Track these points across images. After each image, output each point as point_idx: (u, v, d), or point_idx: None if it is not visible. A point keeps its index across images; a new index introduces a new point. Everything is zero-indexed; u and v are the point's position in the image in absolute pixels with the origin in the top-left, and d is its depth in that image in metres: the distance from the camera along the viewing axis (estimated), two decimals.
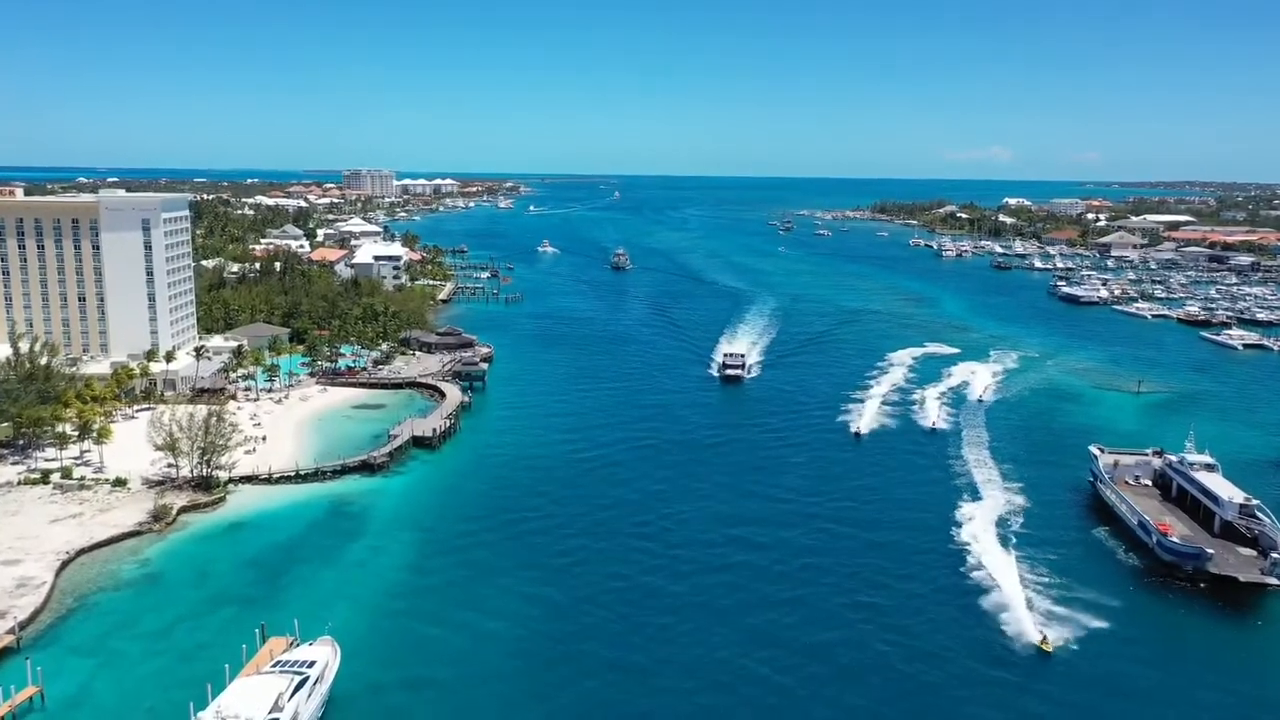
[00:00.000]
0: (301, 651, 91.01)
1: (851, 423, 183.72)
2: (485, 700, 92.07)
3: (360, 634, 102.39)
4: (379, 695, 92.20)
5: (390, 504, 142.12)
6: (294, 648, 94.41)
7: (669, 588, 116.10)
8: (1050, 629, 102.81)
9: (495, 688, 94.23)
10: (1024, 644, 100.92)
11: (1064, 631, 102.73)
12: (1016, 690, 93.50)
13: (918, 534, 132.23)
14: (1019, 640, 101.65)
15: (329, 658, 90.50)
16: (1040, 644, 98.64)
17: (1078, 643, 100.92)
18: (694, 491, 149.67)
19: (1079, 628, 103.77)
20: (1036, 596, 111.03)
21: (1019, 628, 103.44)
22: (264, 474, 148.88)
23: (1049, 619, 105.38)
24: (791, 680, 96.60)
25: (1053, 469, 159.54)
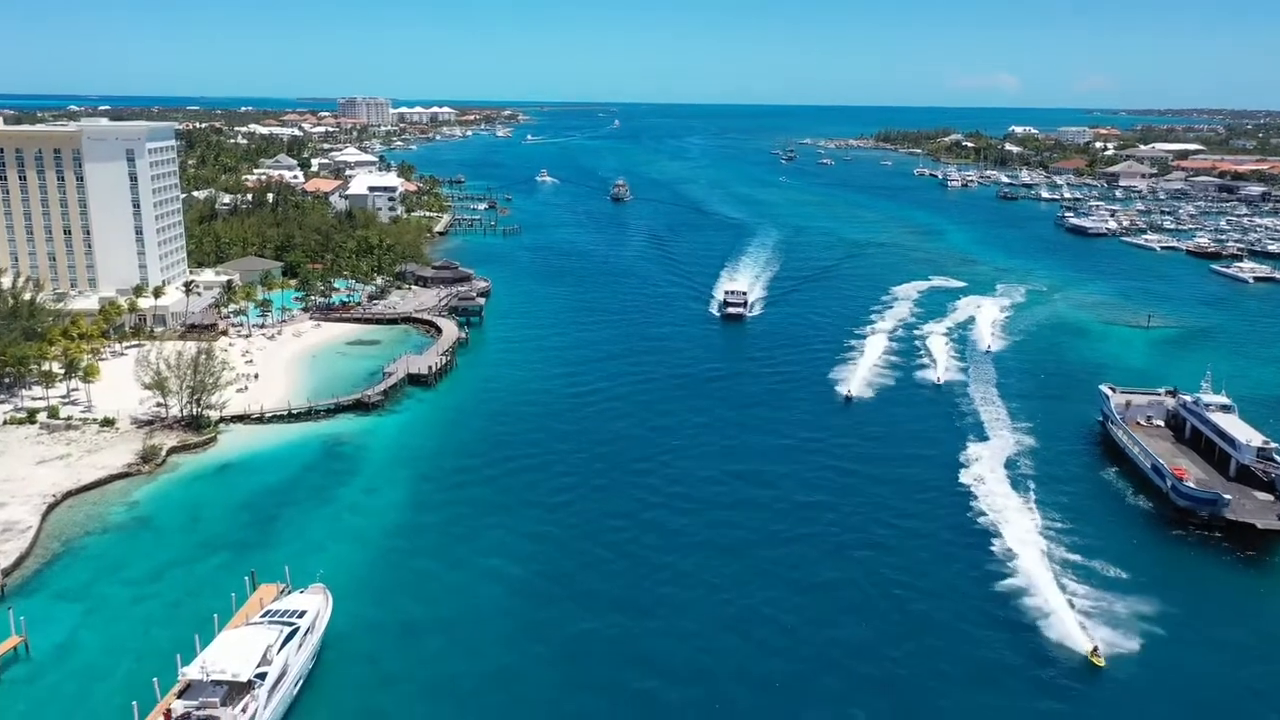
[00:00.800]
0: (292, 600, 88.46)
1: (855, 364, 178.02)
2: (482, 646, 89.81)
3: (354, 579, 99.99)
4: (373, 643, 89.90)
5: (385, 444, 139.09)
6: (284, 595, 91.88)
7: (670, 526, 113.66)
8: (1064, 579, 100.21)
9: (492, 632, 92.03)
10: (1033, 593, 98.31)
11: (1076, 580, 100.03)
12: (1025, 632, 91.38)
13: (923, 475, 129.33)
14: (1028, 593, 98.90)
15: (320, 606, 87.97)
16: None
17: (1091, 592, 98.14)
18: (695, 429, 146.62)
19: (1092, 576, 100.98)
20: (1047, 542, 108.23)
21: (1029, 579, 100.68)
22: (255, 413, 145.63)
23: (1063, 568, 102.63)
24: (795, 620, 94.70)
25: (1061, 408, 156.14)
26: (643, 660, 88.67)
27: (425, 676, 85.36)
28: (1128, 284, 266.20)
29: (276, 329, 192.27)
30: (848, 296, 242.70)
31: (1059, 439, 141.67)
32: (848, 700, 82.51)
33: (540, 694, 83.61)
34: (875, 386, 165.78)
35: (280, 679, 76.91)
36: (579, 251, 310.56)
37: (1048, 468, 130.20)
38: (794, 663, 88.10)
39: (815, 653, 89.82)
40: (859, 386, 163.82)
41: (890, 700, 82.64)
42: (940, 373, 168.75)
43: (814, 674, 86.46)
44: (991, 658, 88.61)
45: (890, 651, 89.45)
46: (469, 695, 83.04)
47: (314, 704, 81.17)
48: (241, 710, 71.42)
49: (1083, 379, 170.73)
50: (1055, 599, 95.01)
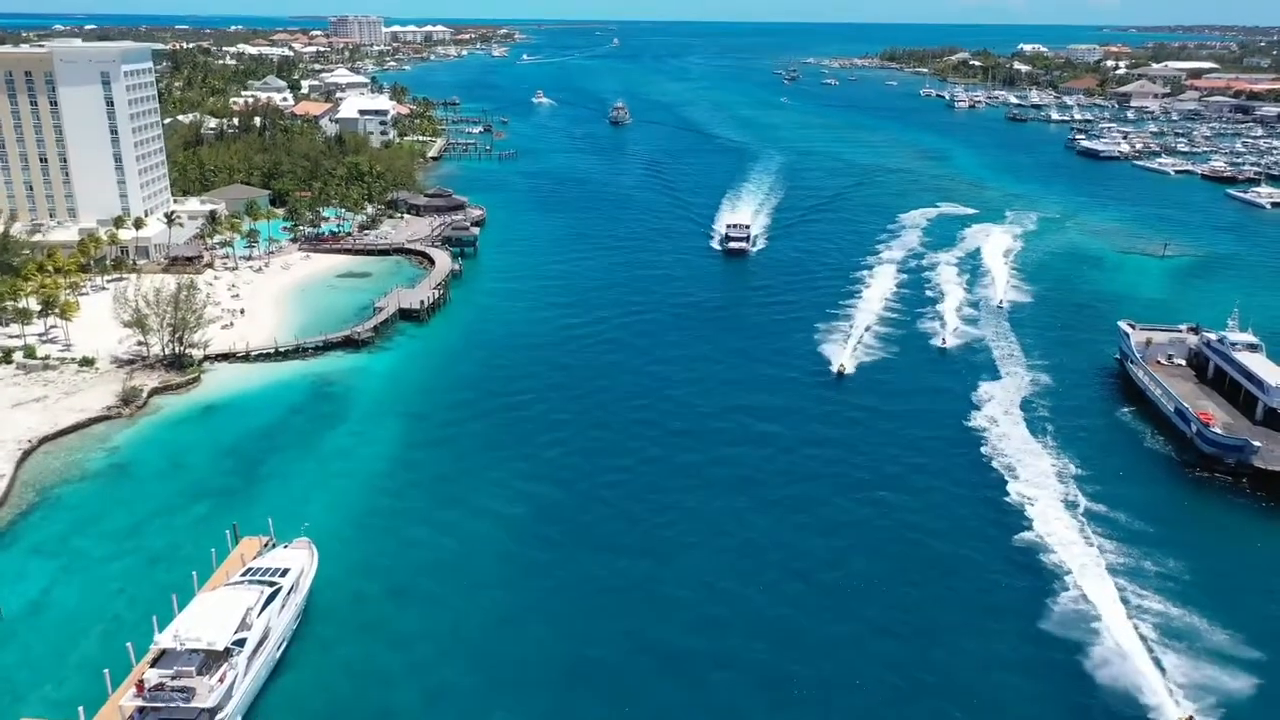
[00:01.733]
0: (275, 556, 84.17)
1: (862, 301, 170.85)
2: (478, 602, 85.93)
3: (342, 530, 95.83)
4: (360, 602, 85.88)
5: (375, 384, 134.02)
6: (268, 550, 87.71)
7: (671, 481, 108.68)
8: (1086, 529, 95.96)
9: (488, 587, 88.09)
10: (1052, 547, 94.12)
11: (1097, 532, 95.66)
12: (1044, 576, 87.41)
13: (933, 414, 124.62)
14: (1046, 547, 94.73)
15: (305, 563, 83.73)
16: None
17: (1114, 544, 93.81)
18: (696, 370, 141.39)
19: (1114, 527, 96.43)
20: (1068, 489, 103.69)
21: (1047, 528, 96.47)
22: (241, 351, 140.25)
23: (1085, 519, 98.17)
24: (804, 564, 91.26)
25: (1077, 344, 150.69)
26: (650, 613, 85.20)
27: (417, 636, 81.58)
28: (1142, 210, 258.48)
29: (264, 261, 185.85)
30: (854, 226, 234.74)
31: (1075, 378, 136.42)
32: (859, 645, 78.99)
33: (540, 652, 79.97)
34: (884, 324, 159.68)
35: (261, 643, 72.98)
36: (577, 178, 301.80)
37: (1064, 409, 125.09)
38: (804, 609, 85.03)
39: (825, 598, 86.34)
40: (867, 324, 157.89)
41: (901, 649, 79.07)
42: (948, 335, 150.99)
43: (825, 620, 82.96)
44: (1003, 603, 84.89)
45: (900, 601, 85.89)
46: (464, 655, 79.36)
47: (298, 667, 77.44)
48: (219, 679, 67.46)
49: (1099, 312, 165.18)
50: (1079, 554, 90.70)
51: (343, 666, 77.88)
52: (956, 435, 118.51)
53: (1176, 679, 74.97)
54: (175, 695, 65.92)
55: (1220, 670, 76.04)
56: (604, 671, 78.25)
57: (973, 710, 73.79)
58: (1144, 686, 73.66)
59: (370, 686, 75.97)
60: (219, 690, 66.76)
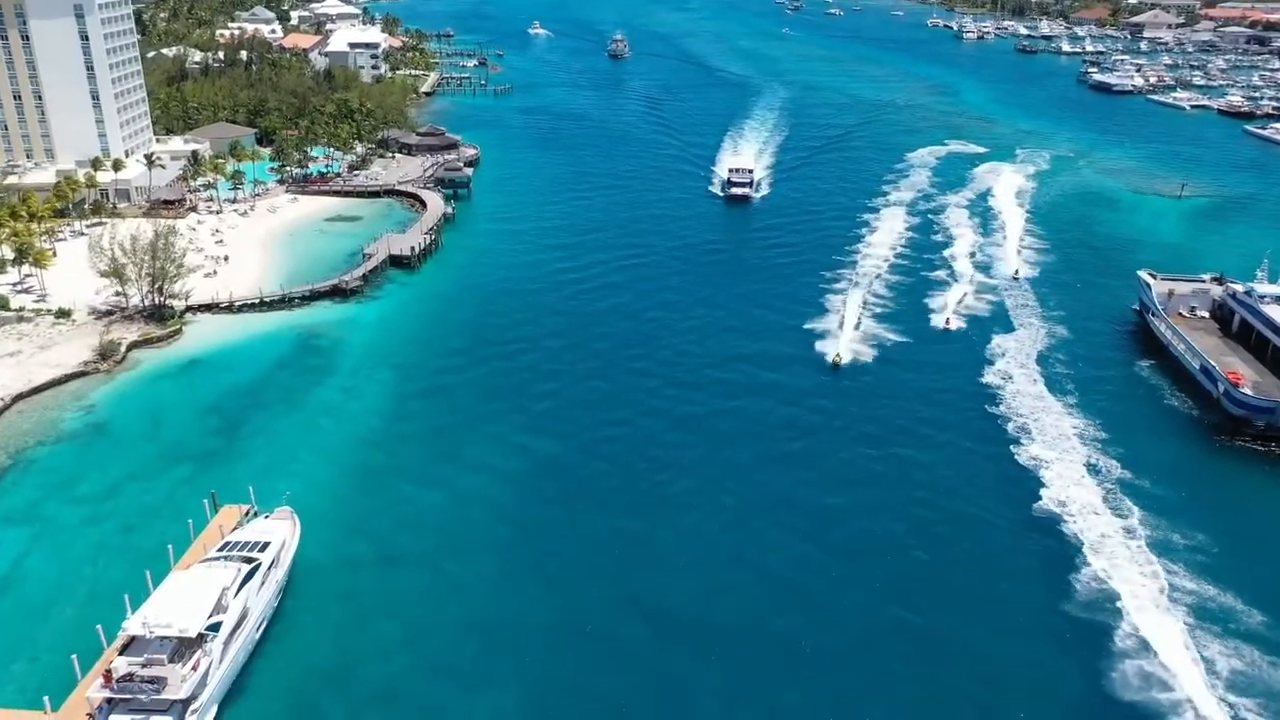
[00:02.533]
0: (255, 528, 79.91)
1: (872, 249, 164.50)
2: (469, 576, 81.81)
3: (328, 496, 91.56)
4: (348, 571, 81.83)
5: (364, 336, 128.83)
6: (248, 520, 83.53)
7: (671, 435, 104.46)
8: (1107, 495, 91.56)
9: (480, 558, 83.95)
10: (1072, 516, 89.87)
11: (1119, 499, 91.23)
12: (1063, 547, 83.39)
13: (943, 368, 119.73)
14: (1066, 517, 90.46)
15: (286, 535, 79.51)
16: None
17: (1138, 512, 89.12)
18: (697, 318, 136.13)
19: (1138, 495, 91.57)
20: (1088, 452, 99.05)
21: (1065, 493, 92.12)
22: (224, 302, 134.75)
23: (1105, 484, 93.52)
24: (810, 548, 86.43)
25: (1092, 293, 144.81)
26: (652, 576, 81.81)
27: (408, 607, 77.71)
28: (1157, 148, 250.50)
29: (249, 204, 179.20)
30: (862, 167, 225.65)
31: (1092, 330, 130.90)
32: (867, 611, 75.17)
33: (539, 620, 76.42)
34: (895, 272, 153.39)
35: (239, 625, 68.94)
36: (574, 114, 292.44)
37: (1082, 364, 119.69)
38: (811, 572, 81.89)
39: (832, 560, 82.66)
40: (879, 271, 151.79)
41: (912, 616, 75.29)
42: (951, 309, 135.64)
43: (832, 584, 79.32)
44: (1019, 569, 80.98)
45: (911, 566, 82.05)
46: (458, 627, 75.62)
47: (280, 648, 73.45)
48: (192, 667, 63.51)
49: (1115, 258, 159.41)
50: (1100, 524, 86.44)
51: (328, 644, 73.97)
52: (969, 390, 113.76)
53: (1213, 665, 70.80)
54: (145, 686, 62.00)
55: (1261, 655, 71.96)
56: (605, 639, 74.83)
57: (987, 683, 70.30)
58: (1175, 673, 69.65)
59: (357, 663, 72.26)
60: (192, 679, 62.85)
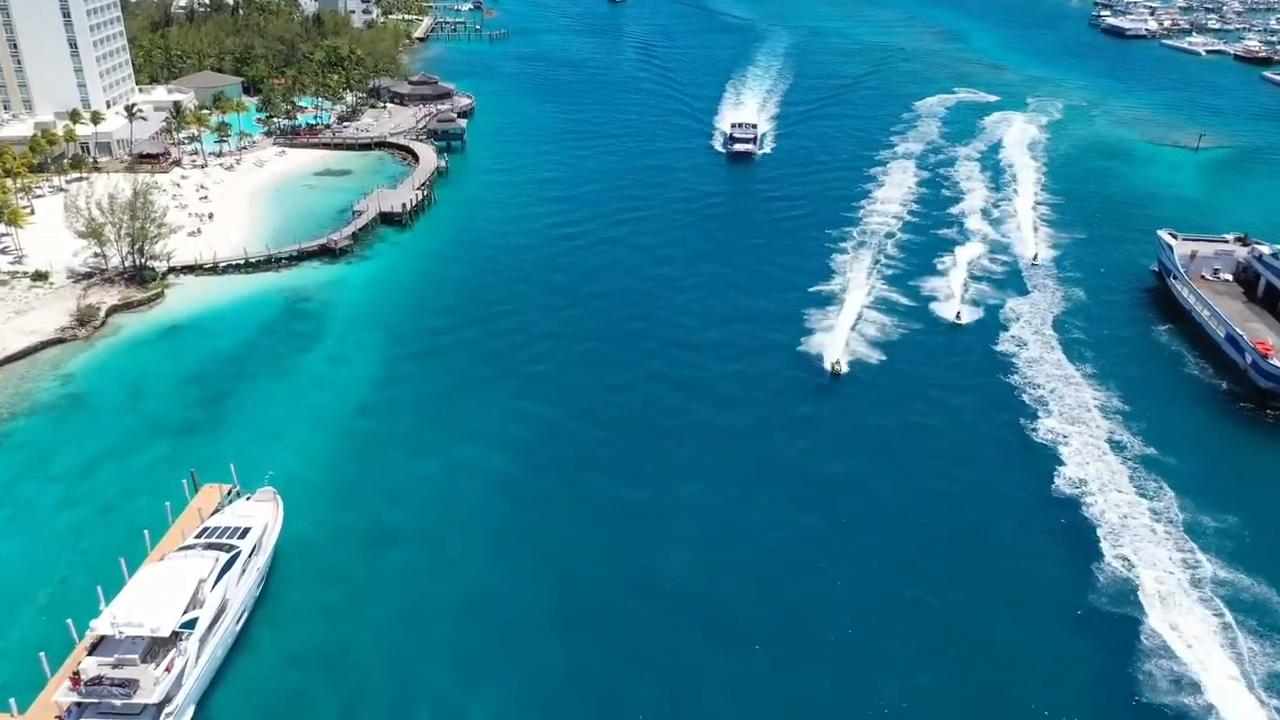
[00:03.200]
0: (235, 512, 75.93)
1: (884, 205, 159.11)
2: (463, 557, 78.09)
3: (314, 474, 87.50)
4: (336, 553, 77.97)
5: (353, 299, 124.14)
6: (229, 501, 79.69)
7: (672, 400, 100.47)
8: (1129, 473, 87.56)
9: (474, 539, 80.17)
10: (1092, 498, 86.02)
11: (1142, 477, 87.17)
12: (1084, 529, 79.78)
13: (955, 336, 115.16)
14: (1087, 495, 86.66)
15: (269, 519, 75.62)
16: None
17: (1163, 492, 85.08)
18: (699, 278, 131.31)
19: (1163, 472, 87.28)
20: (1108, 426, 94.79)
21: (1084, 471, 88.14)
22: (208, 263, 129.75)
23: (1127, 461, 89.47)
24: (816, 521, 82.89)
25: (1107, 252, 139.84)
26: (655, 553, 78.43)
27: (398, 593, 74.02)
28: (1172, 95, 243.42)
29: (236, 158, 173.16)
30: (869, 118, 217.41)
31: (1108, 293, 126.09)
32: (878, 589, 71.66)
33: (538, 601, 73.12)
34: (905, 230, 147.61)
35: (217, 620, 65.35)
36: (571, 61, 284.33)
37: (1099, 331, 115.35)
38: (818, 547, 77.87)
39: (840, 535, 78.86)
40: (888, 230, 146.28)
41: (925, 594, 71.82)
42: (958, 297, 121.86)
43: (840, 560, 75.50)
44: (1035, 548, 77.43)
45: (923, 542, 78.36)
46: (450, 618, 71.94)
47: (264, 638, 69.97)
48: (165, 669, 59.97)
49: (1131, 214, 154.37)
50: (1122, 502, 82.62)
51: (316, 631, 70.47)
52: (983, 354, 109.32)
53: (1247, 661, 67.22)
54: (115, 690, 58.50)
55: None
56: (608, 620, 71.83)
57: (1000, 668, 67.10)
58: (1205, 668, 66.15)
59: (347, 652, 68.91)
60: (166, 681, 59.33)
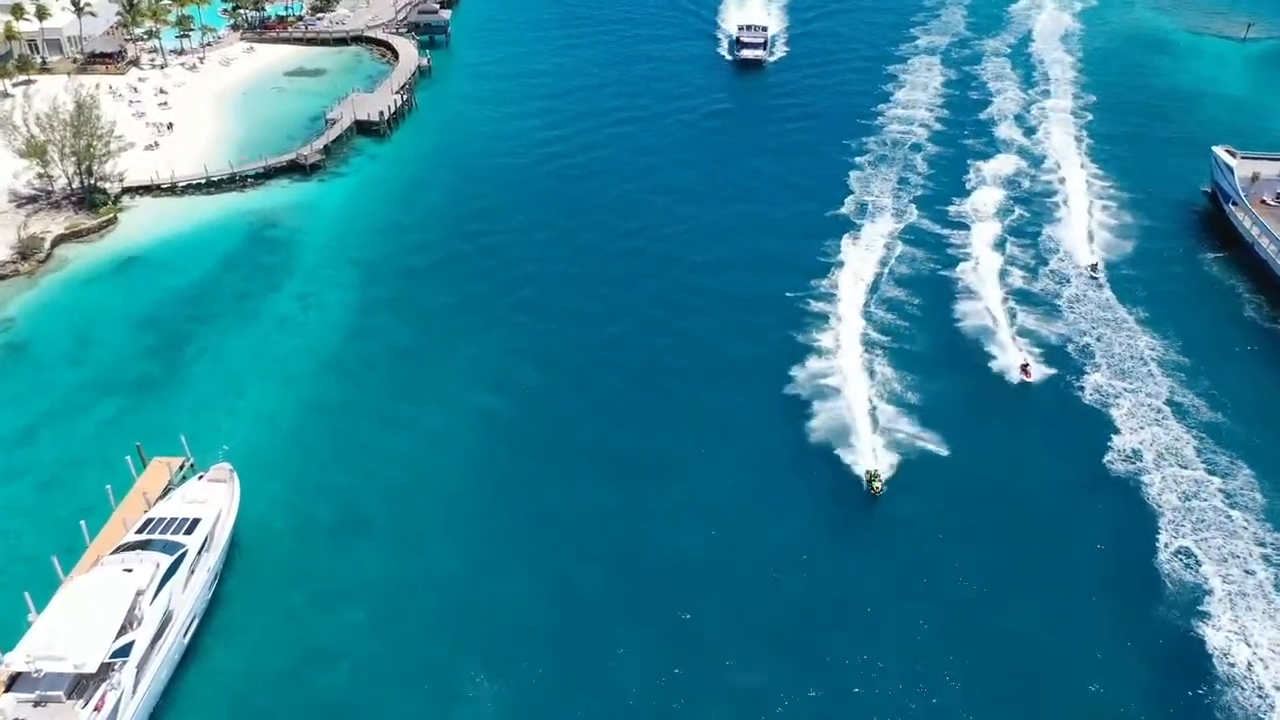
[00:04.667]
0: (184, 497, 67.43)
1: (899, 110, 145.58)
2: (443, 547, 70.26)
3: (278, 442, 79.08)
4: (299, 544, 69.98)
5: (325, 225, 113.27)
6: (179, 480, 71.28)
7: (674, 358, 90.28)
8: (1188, 437, 78.70)
9: (456, 527, 72.02)
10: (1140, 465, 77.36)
11: (1204, 443, 78.18)
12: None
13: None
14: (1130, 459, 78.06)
15: (223, 505, 67.22)
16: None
17: (1228, 463, 76.37)
18: (704, 202, 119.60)
19: (1228, 443, 78.25)
20: (1168, 384, 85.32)
21: (1139, 436, 79.28)
22: (166, 182, 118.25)
23: (1186, 424, 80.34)
24: (849, 513, 74.43)
25: (1150, 164, 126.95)
26: (656, 549, 70.17)
27: (370, 593, 66.38)
28: None
29: (199, 55, 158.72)
30: (889, 8, 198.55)
31: (1154, 217, 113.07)
32: (902, 595, 63.96)
33: (526, 601, 65.70)
34: (934, 143, 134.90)
35: (159, 637, 57.54)
36: None
37: (1146, 266, 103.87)
38: (842, 551, 68.94)
39: (864, 529, 70.56)
40: (918, 139, 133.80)
41: (965, 592, 64.16)
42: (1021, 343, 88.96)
43: (858, 566, 67.48)
44: (1083, 534, 69.44)
45: (959, 526, 70.21)
46: (428, 622, 64.51)
47: (217, 648, 62.48)
48: (95, 707, 52.32)
49: (1174, 118, 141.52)
50: (1183, 477, 74.04)
51: (276, 639, 62.99)
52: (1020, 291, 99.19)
53: None
54: None
55: None
56: (604, 630, 63.92)
57: (1038, 676, 59.89)
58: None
59: (312, 662, 61.69)
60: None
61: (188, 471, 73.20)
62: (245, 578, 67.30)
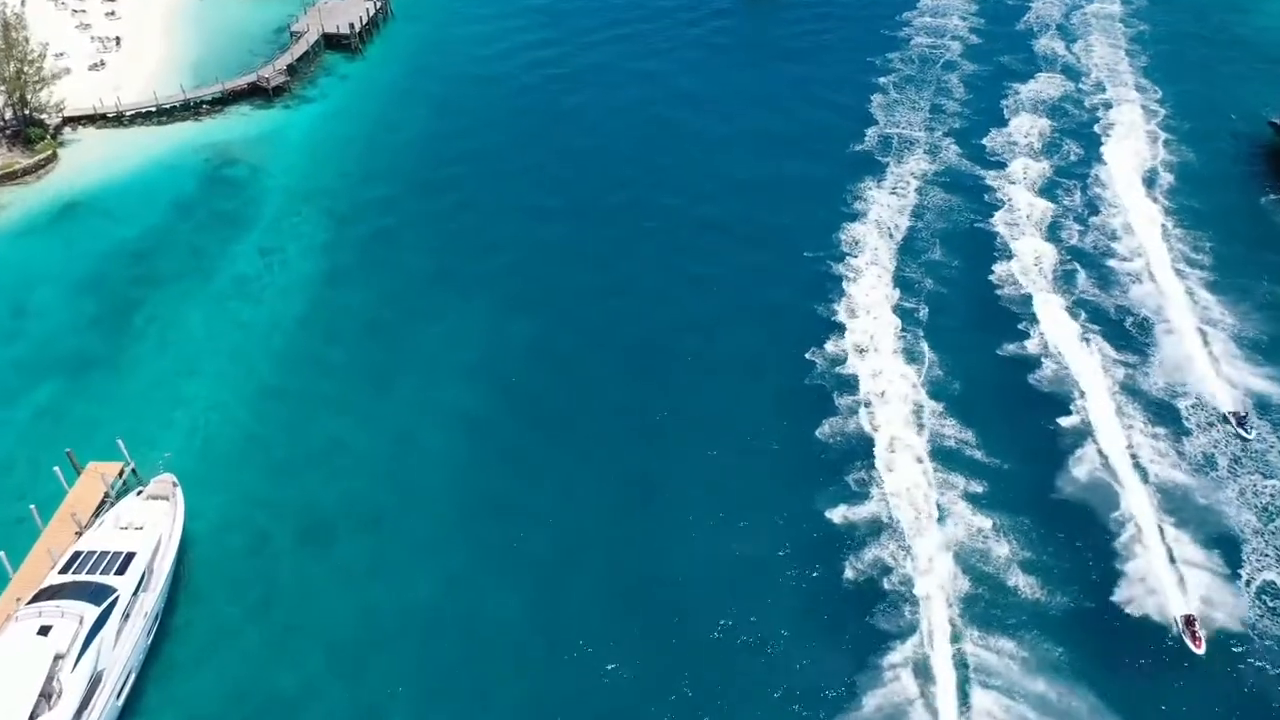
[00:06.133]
0: (121, 518, 58.78)
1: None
2: (423, 569, 61.83)
3: (231, 439, 69.97)
4: (256, 566, 61.44)
5: (290, 161, 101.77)
6: (119, 488, 62.65)
7: (681, 338, 78.57)
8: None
9: (439, 544, 63.23)
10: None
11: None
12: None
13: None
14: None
15: (164, 528, 58.64)
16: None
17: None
18: (721, 127, 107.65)
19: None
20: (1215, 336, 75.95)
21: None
22: (112, 111, 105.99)
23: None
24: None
25: (1205, 88, 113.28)
26: (664, 599, 61.15)
27: (339, 628, 58.24)
28: None
29: None
30: None
31: (1212, 153, 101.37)
32: None
33: (517, 653, 57.14)
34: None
35: (85, 706, 49.59)
36: None
37: (1207, 200, 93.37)
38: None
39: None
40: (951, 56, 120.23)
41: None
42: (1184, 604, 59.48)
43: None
44: None
45: None
46: (406, 668, 56.40)
47: (154, 707, 54.60)
48: None
49: (1229, 54, 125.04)
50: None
51: (227, 687, 55.13)
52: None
53: None
54: None
55: None
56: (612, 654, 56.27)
57: None
58: None
59: (268, 714, 54.11)
60: None
61: (129, 478, 64.55)
62: (191, 610, 59.09)
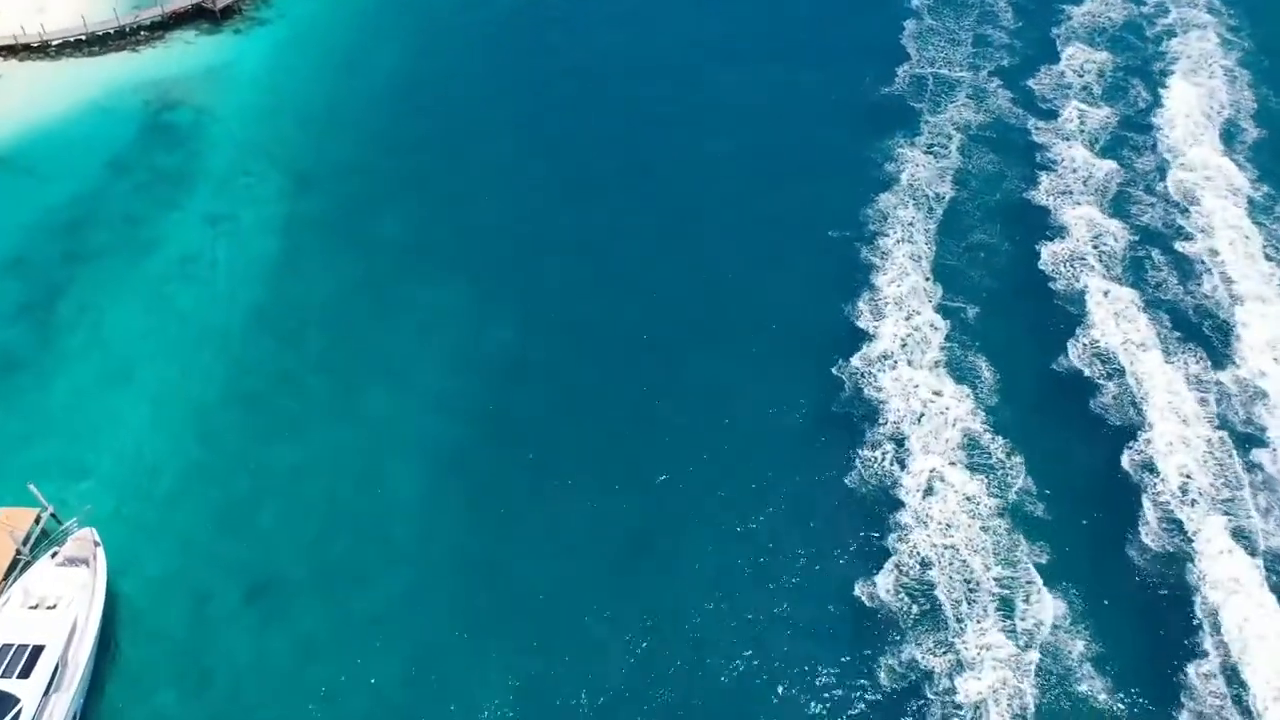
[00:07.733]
0: (27, 600, 49.99)
1: None
2: (387, 645, 53.60)
3: (170, 472, 60.07)
4: (196, 638, 52.87)
5: (243, 102, 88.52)
6: (34, 540, 53.62)
7: (688, 345, 68.79)
8: None
9: (409, 608, 54.68)
10: None
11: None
12: None
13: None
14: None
15: (80, 608, 49.84)
16: None
17: None
18: (745, 88, 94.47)
19: None
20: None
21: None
22: (35, 40, 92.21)
23: None
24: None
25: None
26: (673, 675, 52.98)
27: (291, 709, 50.28)
28: None
29: None
30: None
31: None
32: None
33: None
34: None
35: None
36: None
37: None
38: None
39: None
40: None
41: None
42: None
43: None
44: None
45: None
46: None
47: None
48: None
49: None
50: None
51: None
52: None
53: None
54: None
55: None
56: None
57: None
58: None
59: None
60: None
61: (48, 522, 55.30)
62: (120, 696, 50.66)
